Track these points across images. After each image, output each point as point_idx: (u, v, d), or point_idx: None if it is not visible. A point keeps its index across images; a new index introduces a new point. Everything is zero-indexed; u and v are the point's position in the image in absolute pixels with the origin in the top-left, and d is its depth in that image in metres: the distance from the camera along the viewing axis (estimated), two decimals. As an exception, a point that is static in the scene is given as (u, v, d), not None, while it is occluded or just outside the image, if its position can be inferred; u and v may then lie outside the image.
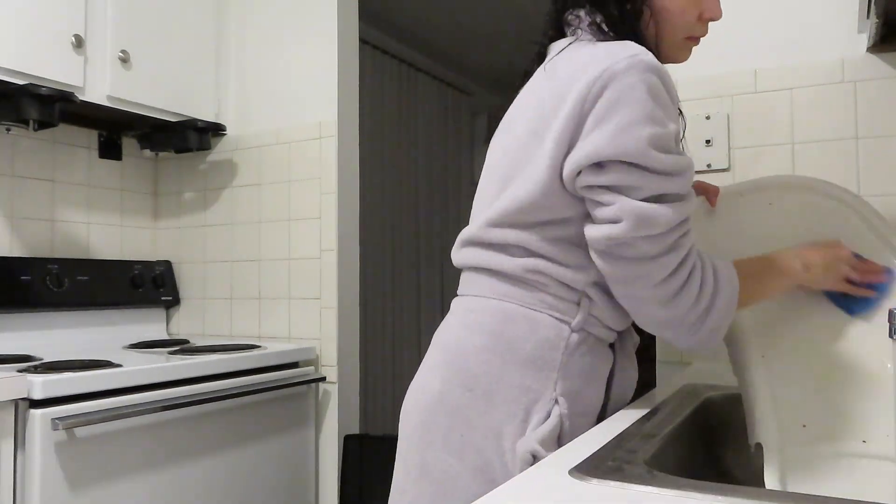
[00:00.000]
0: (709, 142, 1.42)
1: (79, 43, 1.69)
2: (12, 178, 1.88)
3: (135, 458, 1.42)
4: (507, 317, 0.89)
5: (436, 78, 3.65)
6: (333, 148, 1.96)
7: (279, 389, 1.77)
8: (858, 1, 1.24)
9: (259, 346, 1.84)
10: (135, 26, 1.84)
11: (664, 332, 0.86)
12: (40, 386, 1.26)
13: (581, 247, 0.87)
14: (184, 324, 2.21)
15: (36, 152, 1.94)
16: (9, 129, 1.81)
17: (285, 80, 2.06)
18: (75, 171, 2.04)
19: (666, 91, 0.83)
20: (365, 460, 1.88)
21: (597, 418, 0.92)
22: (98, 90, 1.75)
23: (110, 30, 1.78)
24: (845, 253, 0.95)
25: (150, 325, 2.15)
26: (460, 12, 3.07)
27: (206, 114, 2.05)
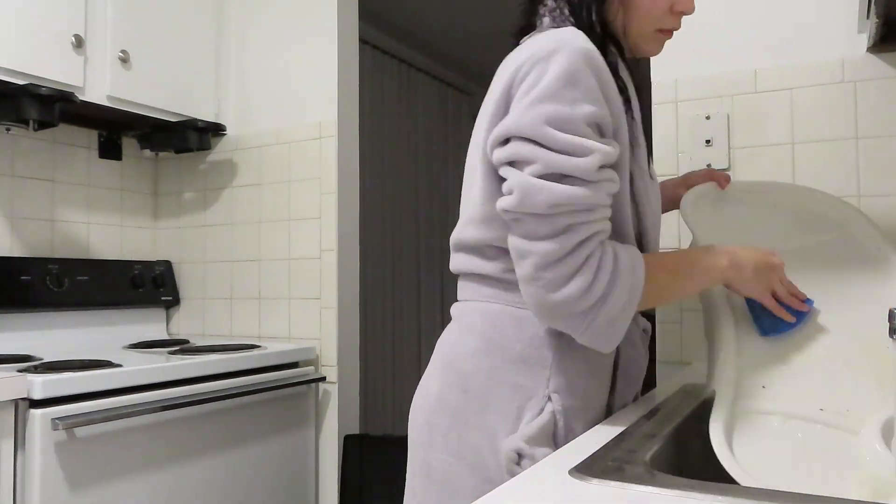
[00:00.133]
0: (709, 142, 1.42)
1: (79, 43, 1.69)
2: (12, 178, 1.88)
3: (135, 458, 1.42)
4: (495, 318, 0.91)
5: (436, 78, 3.65)
6: (333, 148, 1.96)
7: (279, 389, 1.77)
8: (858, 1, 1.25)
9: (259, 346, 1.84)
10: (135, 26, 1.84)
11: (556, 320, 0.81)
12: (40, 386, 1.26)
13: None
14: (184, 324, 2.21)
15: (36, 152, 1.94)
16: (9, 129, 1.81)
17: (285, 80, 2.06)
18: (75, 171, 2.04)
19: (594, 76, 0.81)
20: (365, 460, 1.88)
21: (605, 409, 0.92)
22: (98, 90, 1.75)
23: (110, 30, 1.78)
24: (778, 263, 0.91)
25: (150, 325, 2.15)
26: (460, 12, 3.07)
27: (206, 114, 2.05)
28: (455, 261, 0.98)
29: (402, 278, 3.31)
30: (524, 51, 0.85)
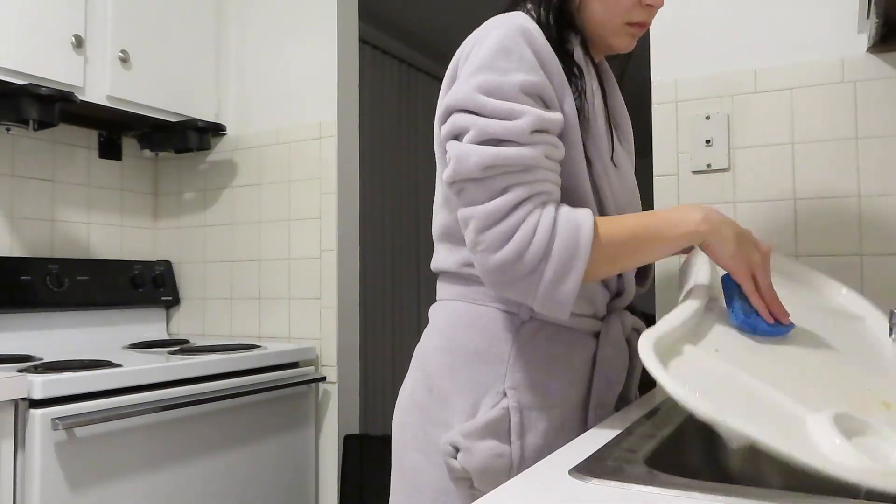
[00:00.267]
0: (709, 142, 1.42)
1: (79, 43, 1.69)
2: (12, 178, 1.88)
3: (135, 458, 1.42)
4: (456, 316, 0.93)
5: (436, 78, 3.65)
6: (333, 148, 1.96)
7: (279, 389, 1.77)
8: (858, 1, 1.24)
9: (259, 346, 1.84)
10: (135, 26, 1.84)
11: (506, 287, 0.79)
12: (40, 386, 1.26)
13: None
14: (184, 324, 2.21)
15: (36, 152, 1.94)
16: (9, 129, 1.81)
17: (285, 80, 2.06)
18: (75, 171, 2.04)
19: (528, 46, 0.82)
20: (365, 460, 1.88)
21: (579, 409, 0.91)
22: (98, 90, 1.75)
23: (110, 30, 1.78)
24: (765, 247, 0.83)
25: (150, 325, 2.15)
26: (460, 12, 3.07)
27: (206, 114, 2.05)
28: (432, 258, 1.00)
29: (402, 278, 3.31)
30: (469, 36, 0.89)
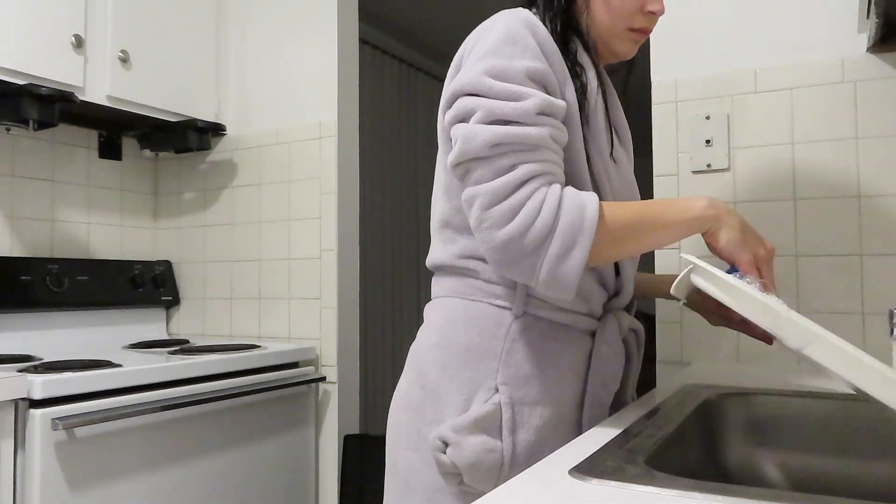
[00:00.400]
0: (709, 142, 1.42)
1: (79, 43, 1.69)
2: (12, 178, 1.88)
3: (135, 457, 1.42)
4: (449, 312, 0.93)
5: (436, 78, 3.65)
6: (333, 148, 1.96)
7: (279, 389, 1.77)
8: (858, 1, 1.25)
9: (259, 346, 1.84)
10: (135, 26, 1.84)
11: (510, 266, 0.79)
12: (40, 386, 1.26)
13: None
14: (184, 324, 2.21)
15: (36, 152, 1.94)
16: (9, 129, 1.81)
17: (285, 80, 2.06)
18: (75, 171, 2.04)
19: (532, 36, 0.84)
20: (365, 460, 1.88)
21: (575, 406, 0.91)
22: (98, 90, 1.75)
23: (110, 30, 1.78)
24: (770, 245, 0.85)
25: (150, 325, 2.15)
26: (460, 12, 3.07)
27: (206, 114, 2.05)
28: (428, 255, 1.00)
29: (402, 278, 3.31)
30: (474, 31, 0.90)
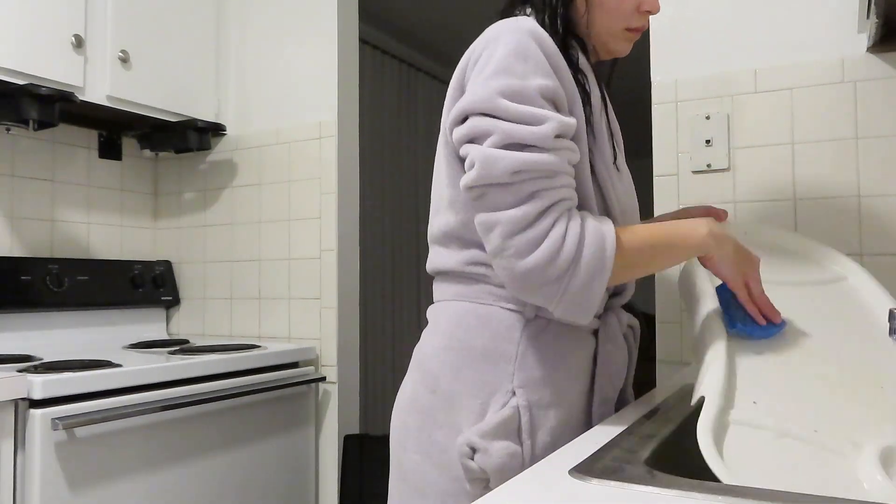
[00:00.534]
0: (709, 142, 1.42)
1: (79, 43, 1.69)
2: (12, 178, 1.88)
3: (135, 458, 1.42)
4: (460, 316, 0.92)
5: (436, 78, 3.65)
6: (333, 148, 1.96)
7: (279, 389, 1.77)
8: (858, 1, 1.24)
9: (259, 346, 1.84)
10: (135, 26, 1.84)
11: (531, 291, 0.80)
12: (40, 386, 1.26)
13: None
14: (184, 324, 2.21)
15: (36, 152, 1.94)
16: (9, 129, 1.81)
17: (285, 80, 2.06)
18: (75, 171, 2.04)
19: (541, 51, 0.84)
20: (365, 460, 1.88)
21: (583, 406, 0.92)
22: (98, 90, 1.75)
23: (110, 30, 1.78)
24: (755, 257, 0.90)
25: (150, 325, 2.15)
26: (460, 13, 3.07)
27: (206, 114, 2.05)
28: (428, 260, 1.00)
29: (402, 278, 3.31)
30: (478, 39, 0.89)
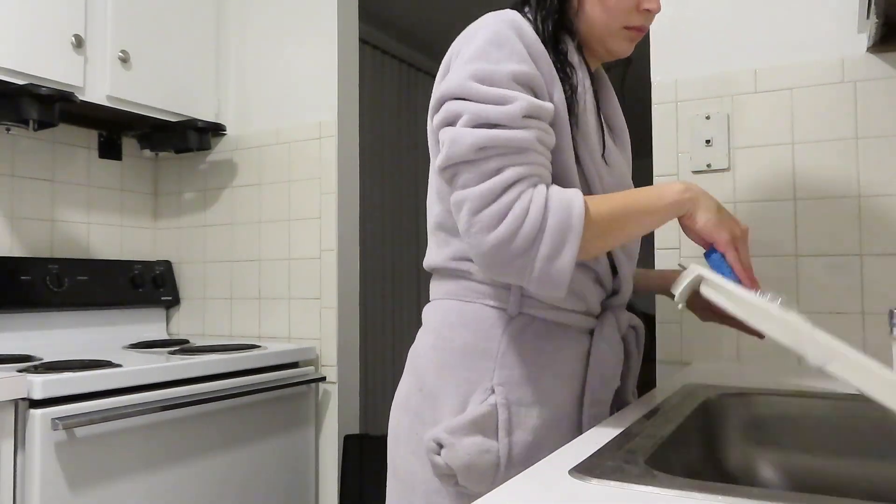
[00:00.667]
0: (709, 142, 1.42)
1: (79, 43, 1.69)
2: (12, 178, 1.88)
3: (135, 458, 1.42)
4: (445, 314, 0.93)
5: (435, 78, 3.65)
6: (333, 148, 1.96)
7: (279, 389, 1.77)
8: (858, 1, 1.25)
9: (259, 346, 1.84)
10: (135, 26, 1.84)
11: (501, 269, 0.79)
12: (40, 386, 1.26)
13: None
14: (184, 324, 2.21)
15: (36, 152, 1.94)
16: (9, 129, 1.81)
17: (285, 80, 2.06)
18: (75, 171, 2.04)
19: (519, 39, 0.84)
20: (365, 460, 1.88)
21: (574, 407, 0.91)
22: (98, 90, 1.75)
23: (110, 30, 1.78)
24: (744, 226, 0.86)
25: (150, 325, 2.15)
26: (460, 13, 3.07)
27: (206, 114, 2.05)
28: (424, 256, 1.01)
29: (402, 278, 3.31)
30: (462, 32, 0.90)
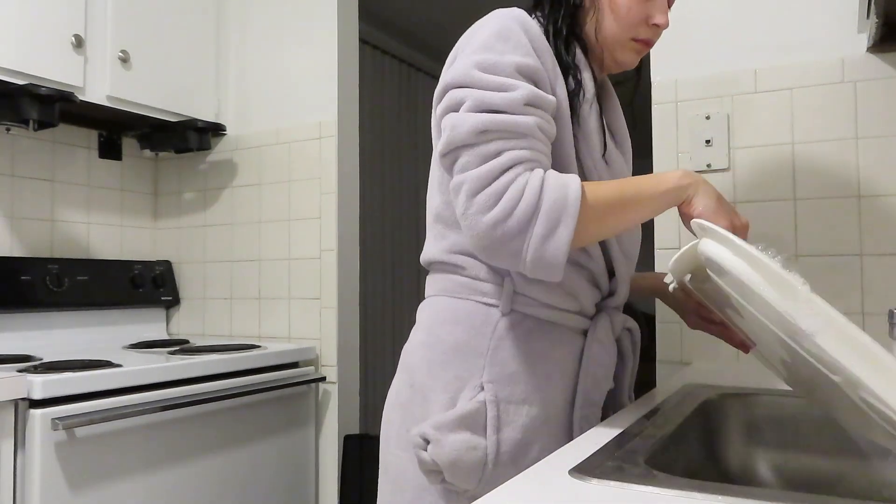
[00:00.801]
0: (709, 142, 1.42)
1: (79, 43, 1.69)
2: (12, 178, 1.88)
3: (135, 458, 1.42)
4: (436, 311, 0.94)
5: (435, 78, 3.64)
6: (333, 148, 1.96)
7: (279, 389, 1.77)
8: (858, 1, 1.25)
9: (259, 346, 1.84)
10: (135, 26, 1.84)
11: (497, 252, 0.79)
12: (40, 386, 1.26)
13: None
14: (184, 324, 2.21)
15: (36, 152, 1.94)
16: (9, 129, 1.81)
17: (285, 80, 2.06)
18: (75, 171, 2.04)
19: (524, 34, 0.86)
20: (365, 460, 1.88)
21: (569, 406, 0.91)
22: (98, 90, 1.75)
23: (110, 30, 1.78)
24: (745, 219, 0.85)
25: (150, 325, 2.15)
26: (460, 13, 3.07)
27: (205, 114, 2.05)
28: (422, 252, 1.01)
29: (402, 278, 3.31)
30: (468, 29, 0.91)
